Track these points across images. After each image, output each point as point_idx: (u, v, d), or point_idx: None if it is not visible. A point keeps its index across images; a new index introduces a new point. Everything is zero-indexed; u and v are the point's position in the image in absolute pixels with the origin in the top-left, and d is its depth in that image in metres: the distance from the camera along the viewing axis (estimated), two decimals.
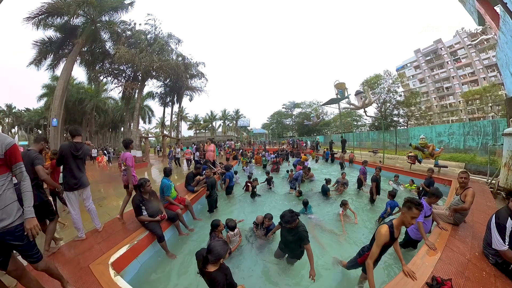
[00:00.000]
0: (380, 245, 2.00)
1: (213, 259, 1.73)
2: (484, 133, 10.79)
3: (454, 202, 3.29)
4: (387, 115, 24.93)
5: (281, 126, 42.36)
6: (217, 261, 1.75)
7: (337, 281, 2.83)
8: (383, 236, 1.98)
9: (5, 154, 1.51)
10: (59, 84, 11.86)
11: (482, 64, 34.08)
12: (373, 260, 2.04)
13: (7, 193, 1.51)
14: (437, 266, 2.31)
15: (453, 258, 2.45)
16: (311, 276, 2.41)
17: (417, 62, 43.18)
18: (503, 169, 5.00)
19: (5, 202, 1.49)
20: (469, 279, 2.11)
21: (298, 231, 2.54)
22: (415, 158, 7.92)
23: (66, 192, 2.91)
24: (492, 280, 2.10)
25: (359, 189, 6.70)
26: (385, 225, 2.05)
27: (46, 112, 23.63)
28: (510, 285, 2.04)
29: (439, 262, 2.38)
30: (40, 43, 12.86)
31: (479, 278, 2.12)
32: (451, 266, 2.31)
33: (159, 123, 40.96)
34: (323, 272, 2.93)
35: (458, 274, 2.19)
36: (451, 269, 2.26)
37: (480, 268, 2.27)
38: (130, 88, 15.34)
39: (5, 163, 1.54)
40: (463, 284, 2.05)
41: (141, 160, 13.32)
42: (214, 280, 1.73)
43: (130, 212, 3.78)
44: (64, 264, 2.50)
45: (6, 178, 1.54)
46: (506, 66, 6.70)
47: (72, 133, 2.98)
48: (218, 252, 1.73)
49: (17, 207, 1.58)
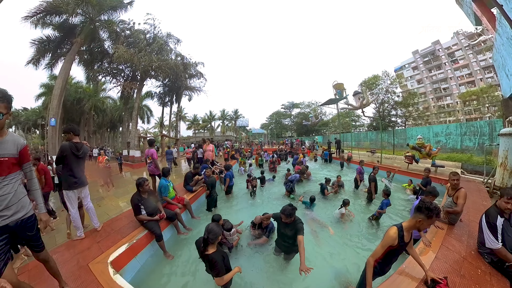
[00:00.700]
0: (385, 246, 1.89)
1: (213, 238, 1.99)
2: (480, 134, 10.91)
3: (447, 203, 3.32)
4: (385, 115, 25.04)
5: (280, 126, 42.40)
6: (216, 240, 2.02)
7: (334, 281, 2.84)
8: (390, 238, 1.86)
9: (19, 153, 1.70)
10: (57, 83, 11.80)
11: (479, 65, 34.40)
12: (374, 258, 1.95)
13: (19, 188, 1.70)
14: (433, 264, 2.34)
15: (449, 257, 2.48)
16: (302, 271, 2.14)
17: (415, 63, 43.47)
18: (499, 168, 5.06)
19: (19, 196, 1.67)
20: (464, 277, 2.14)
21: (296, 224, 2.64)
22: (413, 158, 7.99)
23: (65, 191, 2.92)
24: (487, 278, 2.14)
25: (356, 188, 6.76)
26: (394, 227, 1.91)
27: (44, 111, 23.40)
28: (505, 283, 2.08)
29: (435, 260, 2.41)
30: (38, 42, 12.76)
31: (475, 276, 2.16)
32: (447, 264, 2.35)
33: (158, 123, 40.88)
34: (321, 271, 2.94)
35: (453, 272, 2.22)
36: (447, 267, 2.29)
37: (475, 266, 2.30)
38: (128, 88, 15.29)
39: (18, 162, 1.71)
40: (459, 282, 2.08)
41: (139, 160, 13.26)
42: (213, 260, 1.95)
43: (129, 211, 3.79)
44: (63, 263, 2.49)
45: (19, 176, 1.73)
46: (502, 67, 6.78)
47: (75, 132, 2.97)
48: (216, 231, 2.02)
49: (29, 201, 1.76)
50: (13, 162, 1.67)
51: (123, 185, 7.33)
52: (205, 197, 5.22)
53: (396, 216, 4.79)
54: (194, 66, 19.31)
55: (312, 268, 2.17)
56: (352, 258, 3.25)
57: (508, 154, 4.74)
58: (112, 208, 4.75)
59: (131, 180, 8.19)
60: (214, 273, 2.01)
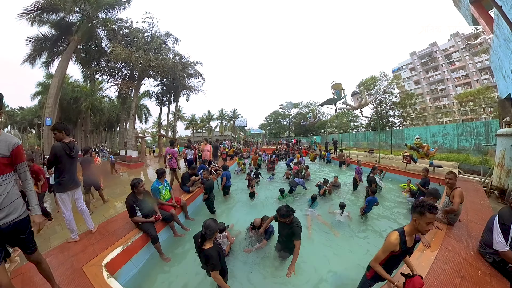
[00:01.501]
0: (386, 252, 1.80)
1: (210, 233, 2.08)
2: (477, 134, 11.04)
3: (445, 203, 3.34)
4: (383, 115, 25.19)
5: (279, 126, 42.43)
6: (213, 236, 2.11)
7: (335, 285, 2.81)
8: (391, 244, 1.77)
9: (11, 153, 1.65)
10: (54, 82, 11.62)
11: (476, 67, 34.81)
12: (377, 263, 1.87)
13: (13, 189, 1.66)
14: (433, 266, 2.33)
15: (449, 258, 2.47)
16: (289, 272, 2.39)
17: (412, 64, 43.82)
18: (496, 168, 5.09)
19: (12, 198, 1.64)
20: (464, 279, 2.13)
21: (293, 226, 2.65)
22: (410, 158, 8.02)
23: (58, 193, 2.84)
24: (488, 279, 2.13)
25: (354, 189, 6.77)
26: (395, 232, 1.81)
27: (40, 111, 23.08)
28: (505, 283, 2.07)
29: (435, 262, 2.40)
30: (35, 40, 12.53)
31: (475, 277, 2.15)
32: (447, 266, 2.33)
33: (155, 123, 40.62)
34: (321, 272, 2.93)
35: (453, 274, 2.21)
36: (446, 269, 2.28)
37: (475, 267, 2.29)
38: (126, 87, 15.11)
39: (11, 162, 1.67)
40: (459, 283, 2.07)
41: (137, 160, 13.13)
42: (209, 256, 2.04)
43: (125, 212, 3.71)
44: (57, 265, 2.43)
45: (12, 177, 1.69)
46: (499, 68, 6.84)
47: (67, 131, 2.83)
48: (213, 227, 2.11)
49: (22, 203, 1.74)
50: (5, 162, 1.62)
51: (119, 185, 7.21)
52: (202, 200, 5.06)
53: (390, 220, 4.74)
54: (192, 65, 19.19)
55: (295, 274, 2.40)
56: (350, 261, 3.20)
57: (505, 154, 4.78)
58: (107, 209, 4.65)
59: (127, 180, 8.08)
60: (210, 267, 2.05)
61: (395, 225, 4.16)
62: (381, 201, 5.41)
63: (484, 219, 3.42)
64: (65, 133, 2.80)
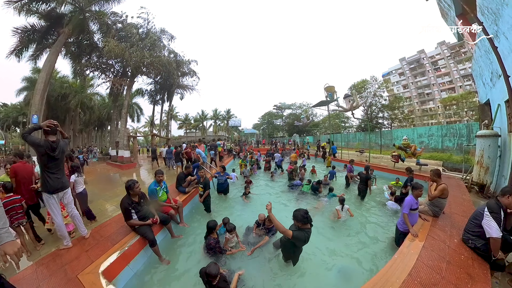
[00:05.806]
0: None
1: (213, 278, 2.12)
2: (459, 135, 11.83)
3: None
4: (372, 117, 26.05)
5: (272, 127, 42.70)
6: (215, 280, 2.13)
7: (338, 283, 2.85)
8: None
9: None
10: (41, 77, 11.03)
11: (459, 74, 36.87)
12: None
13: None
14: (422, 253, 2.55)
15: (435, 246, 2.71)
16: None
17: (401, 69, 45.60)
18: (476, 166, 5.51)
19: None
20: (450, 263, 2.36)
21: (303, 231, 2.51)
22: (399, 157, 8.44)
23: (45, 195, 2.60)
24: (470, 262, 2.37)
25: (347, 186, 7.03)
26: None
27: (25, 107, 21.95)
28: (485, 266, 2.31)
29: (423, 249, 2.62)
30: (22, 30, 11.82)
31: (459, 261, 2.38)
32: (434, 252, 2.56)
33: (148, 122, 39.77)
34: (325, 273, 2.97)
35: (440, 259, 2.43)
36: (434, 255, 2.50)
37: (459, 253, 2.54)
38: (118, 84, 14.71)
39: None
40: (445, 267, 2.29)
41: (129, 161, 12.76)
42: None
43: (119, 216, 3.57)
44: (49, 276, 2.26)
45: None
46: (480, 76, 7.38)
47: (53, 132, 2.59)
48: (214, 273, 2.12)
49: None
50: None
51: (112, 187, 6.70)
52: (199, 201, 4.90)
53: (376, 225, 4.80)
54: (187, 64, 18.95)
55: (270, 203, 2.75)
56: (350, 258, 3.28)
57: (484, 153, 5.19)
58: (100, 212, 4.30)
59: (120, 182, 7.67)
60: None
61: (388, 223, 4.45)
62: (370, 199, 5.83)
63: (465, 211, 3.74)
64: (45, 132, 2.61)
